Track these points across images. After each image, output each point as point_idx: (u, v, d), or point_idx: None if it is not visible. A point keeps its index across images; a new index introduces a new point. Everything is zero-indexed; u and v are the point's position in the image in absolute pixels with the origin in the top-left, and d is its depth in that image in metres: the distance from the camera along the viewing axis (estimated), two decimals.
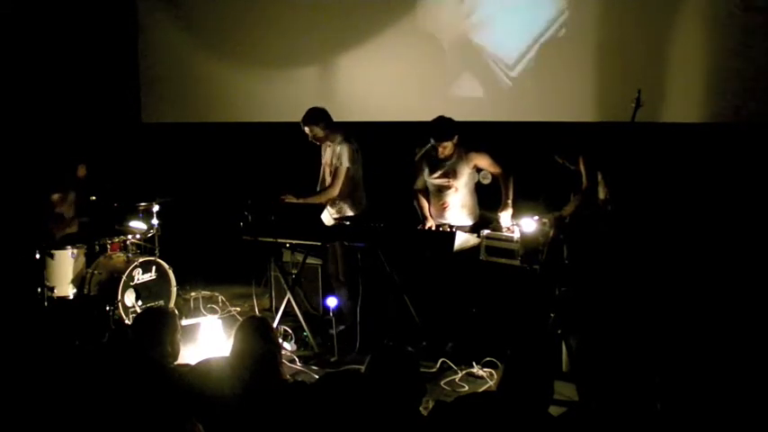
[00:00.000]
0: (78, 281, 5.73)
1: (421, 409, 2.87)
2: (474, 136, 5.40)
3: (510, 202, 5.15)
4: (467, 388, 4.63)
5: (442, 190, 5.31)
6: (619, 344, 4.43)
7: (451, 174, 5.24)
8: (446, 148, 5.15)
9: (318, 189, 5.63)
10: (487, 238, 5.01)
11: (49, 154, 6.38)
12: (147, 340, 3.44)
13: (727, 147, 5.13)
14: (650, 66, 5.44)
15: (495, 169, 5.26)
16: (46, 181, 5.99)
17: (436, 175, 5.30)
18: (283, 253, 5.93)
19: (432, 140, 5.15)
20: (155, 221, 6.14)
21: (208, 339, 5.30)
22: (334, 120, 5.55)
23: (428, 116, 5.32)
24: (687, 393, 3.85)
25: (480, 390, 4.52)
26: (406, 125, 6.22)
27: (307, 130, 5.46)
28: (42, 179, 6.03)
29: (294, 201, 5.44)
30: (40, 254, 5.60)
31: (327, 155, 5.57)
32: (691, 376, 4.18)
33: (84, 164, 6.11)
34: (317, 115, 5.46)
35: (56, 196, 5.95)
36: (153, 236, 6.19)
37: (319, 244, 5.41)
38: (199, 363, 3.30)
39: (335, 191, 5.45)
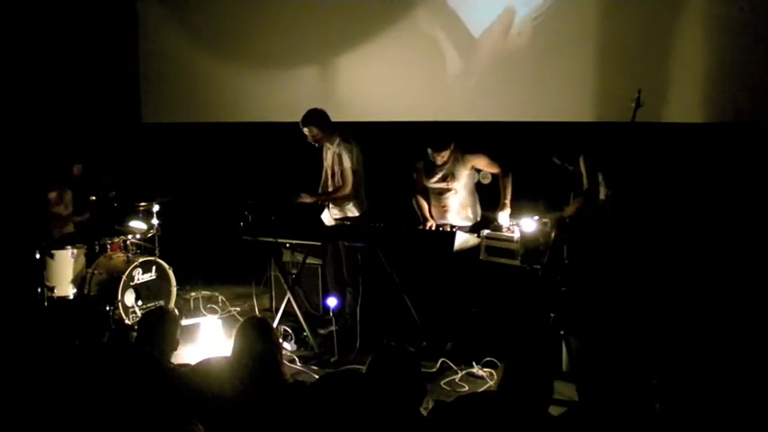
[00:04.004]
0: (78, 281, 5.73)
1: (421, 409, 2.87)
2: (474, 136, 5.41)
3: (508, 202, 5.15)
4: (467, 388, 4.64)
5: (441, 193, 5.32)
6: (619, 344, 4.43)
7: (449, 177, 5.25)
8: (444, 156, 5.16)
9: (320, 191, 5.65)
10: (487, 238, 5.01)
11: (49, 154, 6.38)
12: (148, 340, 3.45)
13: (727, 147, 5.13)
14: (650, 66, 5.44)
15: (493, 169, 5.26)
16: (42, 180, 5.99)
17: (434, 179, 5.30)
18: (283, 253, 5.93)
19: (429, 150, 5.16)
20: (155, 221, 6.15)
21: (208, 339, 5.30)
22: (334, 120, 5.55)
23: (428, 116, 5.33)
24: (686, 394, 3.85)
25: (480, 390, 4.52)
26: (406, 125, 6.22)
27: (306, 130, 5.48)
28: (39, 178, 6.03)
29: (309, 200, 5.46)
30: (40, 254, 5.60)
31: (328, 157, 5.58)
32: (690, 377, 4.18)
33: (79, 163, 6.12)
34: (316, 116, 5.47)
35: (52, 195, 5.95)
36: (153, 236, 6.20)
37: (319, 244, 5.42)
38: (199, 363, 3.30)
39: (348, 189, 5.48)
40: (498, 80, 6.19)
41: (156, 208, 6.13)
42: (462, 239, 5.05)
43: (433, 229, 5.29)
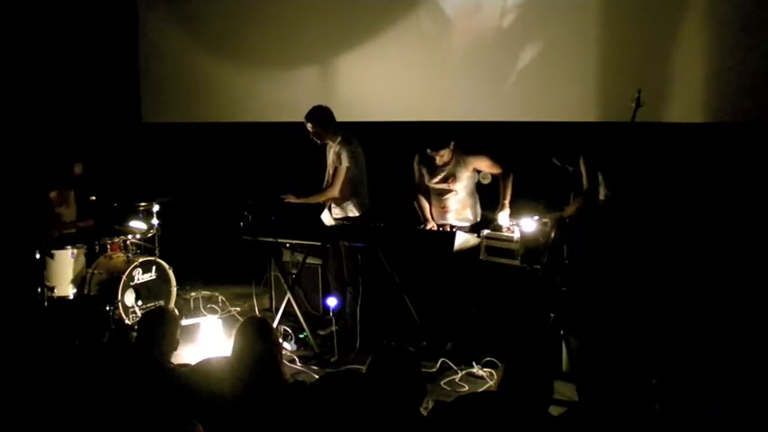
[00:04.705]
0: (78, 281, 5.73)
1: (421, 409, 2.87)
2: (474, 136, 5.40)
3: (507, 202, 5.16)
4: (467, 388, 4.64)
5: (442, 194, 5.32)
6: (618, 344, 4.43)
7: (451, 178, 5.25)
8: (443, 156, 5.17)
9: None
10: (487, 238, 5.02)
11: (49, 153, 6.38)
12: (148, 341, 3.45)
13: (727, 147, 5.13)
14: (651, 66, 5.44)
15: (495, 170, 5.26)
16: (43, 179, 5.99)
17: (435, 179, 5.30)
18: (283, 253, 5.93)
19: (428, 150, 5.16)
20: (155, 221, 6.15)
21: (208, 339, 5.30)
22: (335, 119, 5.55)
23: (428, 116, 5.33)
24: (686, 394, 3.85)
25: (480, 390, 4.52)
26: (406, 125, 6.22)
27: (309, 126, 5.48)
28: (40, 178, 6.02)
29: (295, 200, 5.45)
30: (40, 254, 5.60)
31: (330, 156, 5.58)
32: (690, 377, 4.18)
33: (80, 162, 6.11)
34: (320, 113, 5.47)
35: (53, 194, 5.94)
36: (153, 236, 6.20)
37: (319, 244, 5.42)
38: (199, 363, 3.30)
39: (335, 190, 5.46)
40: (498, 80, 6.19)
41: (156, 208, 6.13)
42: (462, 239, 5.06)
43: (434, 229, 5.29)
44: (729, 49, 5.17)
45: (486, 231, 5.07)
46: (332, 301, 5.22)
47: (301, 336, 5.38)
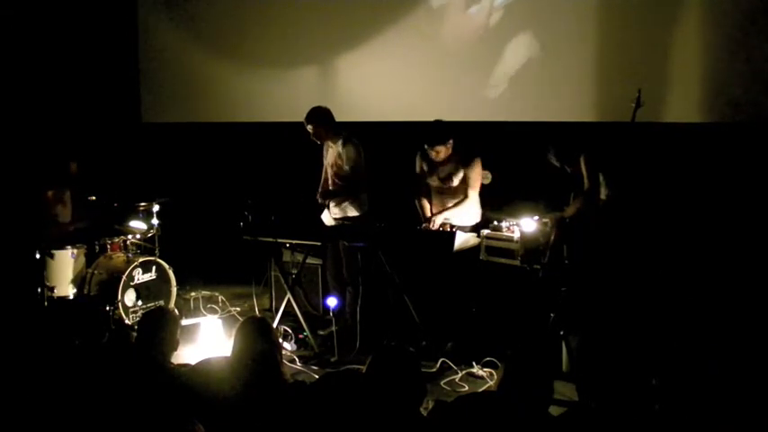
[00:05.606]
0: (78, 281, 5.73)
1: (421, 409, 2.87)
2: (474, 136, 5.40)
3: (445, 210, 5.22)
4: (467, 388, 4.64)
5: (442, 192, 5.32)
6: (618, 344, 4.43)
7: (452, 176, 5.25)
8: (439, 152, 5.16)
9: (320, 190, 5.64)
10: (487, 238, 5.02)
11: (48, 153, 6.38)
12: (148, 341, 3.45)
13: (727, 147, 5.13)
14: (650, 66, 5.45)
15: (471, 187, 5.23)
16: (41, 179, 5.99)
17: (435, 178, 5.30)
18: (283, 253, 5.93)
19: (425, 145, 5.16)
20: (155, 221, 6.14)
21: (208, 339, 5.30)
22: (335, 120, 5.55)
23: (429, 116, 5.33)
24: (686, 394, 3.86)
25: (480, 390, 4.53)
26: (406, 125, 6.22)
27: (309, 128, 5.47)
28: (38, 178, 6.02)
29: (321, 201, 5.50)
30: (40, 254, 5.60)
31: (330, 156, 5.57)
32: (690, 377, 4.18)
33: (74, 161, 6.11)
34: (320, 114, 5.47)
35: (51, 194, 5.94)
36: (153, 236, 6.19)
37: (319, 244, 5.42)
38: (199, 363, 3.30)
39: (359, 188, 5.46)
40: (498, 80, 6.20)
41: (155, 208, 6.13)
42: (462, 239, 5.06)
43: (434, 229, 5.29)
44: (729, 49, 5.18)
45: (486, 231, 5.07)
46: (332, 301, 5.22)
47: (301, 336, 5.38)
